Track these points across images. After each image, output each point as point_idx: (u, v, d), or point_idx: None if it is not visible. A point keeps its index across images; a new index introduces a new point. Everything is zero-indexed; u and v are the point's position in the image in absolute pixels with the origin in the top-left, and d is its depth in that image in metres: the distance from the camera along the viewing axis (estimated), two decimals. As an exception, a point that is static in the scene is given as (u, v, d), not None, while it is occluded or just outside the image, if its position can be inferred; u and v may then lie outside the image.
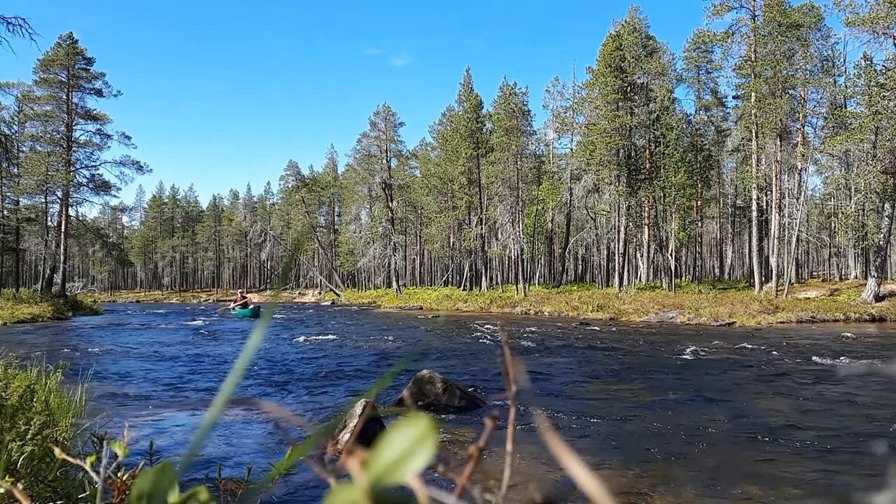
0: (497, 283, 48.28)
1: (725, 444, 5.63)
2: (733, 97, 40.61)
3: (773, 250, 31.65)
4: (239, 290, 36.54)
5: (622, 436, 6.00)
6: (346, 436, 5.04)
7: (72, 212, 38.05)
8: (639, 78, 39.91)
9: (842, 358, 11.54)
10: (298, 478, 4.39)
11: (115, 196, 70.62)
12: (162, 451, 4.95)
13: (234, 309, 31.18)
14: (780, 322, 21.96)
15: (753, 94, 32.55)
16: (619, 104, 37.79)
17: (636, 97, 39.14)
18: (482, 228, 45.64)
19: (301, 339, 16.81)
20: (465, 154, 44.77)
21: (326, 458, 4.69)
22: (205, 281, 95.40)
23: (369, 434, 5.07)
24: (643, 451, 5.46)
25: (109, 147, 41.08)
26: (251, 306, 31.15)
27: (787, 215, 31.36)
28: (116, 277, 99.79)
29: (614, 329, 20.37)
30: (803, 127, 34.59)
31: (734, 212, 46.60)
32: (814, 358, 11.58)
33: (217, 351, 14.13)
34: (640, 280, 39.64)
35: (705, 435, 5.93)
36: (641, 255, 40.66)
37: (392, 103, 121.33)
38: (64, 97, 36.79)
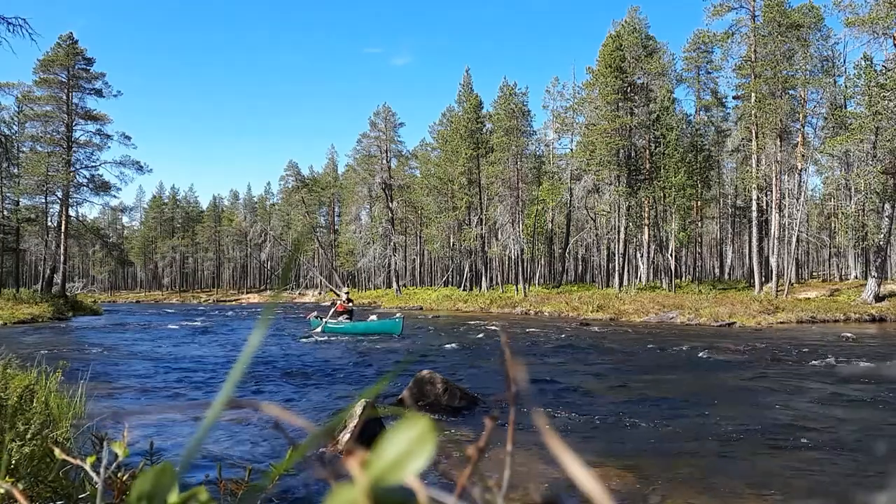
0: (497, 284, 48.27)
1: (725, 444, 5.62)
2: (733, 97, 40.61)
3: (773, 250, 31.65)
4: (344, 291, 21.14)
5: (622, 436, 6.00)
6: (346, 436, 5.04)
7: (72, 212, 38.07)
8: (639, 78, 39.92)
9: (842, 358, 11.53)
10: (299, 478, 4.39)
11: (115, 196, 70.60)
12: (162, 451, 4.94)
13: (320, 320, 19.14)
14: (780, 322, 21.95)
15: (753, 94, 32.55)
16: (620, 104, 37.81)
17: (636, 97, 39.17)
18: (482, 229, 45.64)
19: (301, 339, 16.81)
20: (465, 154, 44.77)
21: (327, 459, 4.69)
22: (205, 281, 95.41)
23: (369, 434, 5.06)
24: (643, 451, 5.46)
25: (109, 147, 41.08)
26: (373, 317, 19.65)
27: (787, 215, 31.37)
28: (116, 278, 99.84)
29: (614, 329, 20.36)
30: (803, 127, 34.61)
31: (734, 212, 46.60)
32: (814, 358, 11.57)
33: (217, 351, 14.13)
34: (640, 280, 39.64)
35: (705, 435, 5.93)
36: (641, 256, 40.67)
37: (392, 103, 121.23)
38: (64, 97, 36.79)
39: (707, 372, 10.26)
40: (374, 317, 19.32)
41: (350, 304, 19.79)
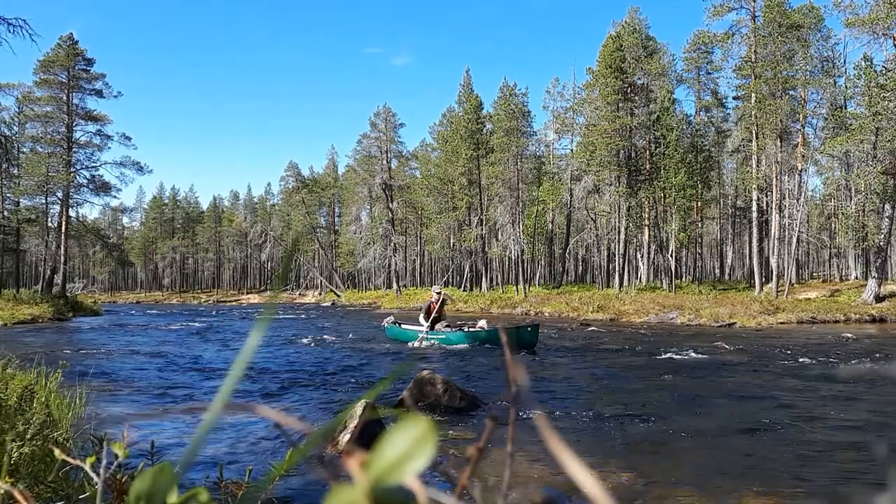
0: (497, 284, 48.26)
1: (725, 445, 5.62)
2: (733, 98, 40.61)
3: (773, 251, 31.65)
4: (435, 289, 15.96)
5: (622, 436, 6.00)
6: (346, 437, 5.04)
7: (72, 213, 38.10)
8: (639, 79, 39.93)
9: (842, 359, 11.53)
10: (299, 479, 4.39)
11: (115, 197, 70.68)
12: (162, 451, 4.94)
13: (399, 326, 16.31)
14: (781, 323, 21.95)
15: (754, 94, 32.55)
16: (620, 105, 37.81)
17: (636, 98, 39.17)
18: (482, 229, 45.64)
19: (301, 340, 16.80)
20: (466, 155, 44.78)
21: (327, 459, 4.69)
22: (205, 282, 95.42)
23: (370, 435, 5.06)
24: (643, 452, 5.45)
25: (110, 148, 41.04)
26: (476, 328, 14.75)
27: (787, 216, 31.37)
28: (117, 278, 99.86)
29: (614, 330, 20.36)
30: (803, 128, 34.61)
31: (734, 213, 46.61)
32: (814, 359, 11.57)
33: (217, 352, 14.13)
34: (640, 281, 39.64)
35: (705, 435, 5.92)
36: (642, 256, 40.68)
37: (392, 103, 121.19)
38: (64, 98, 36.80)
39: (707, 372, 10.25)
40: (483, 322, 15.08)
41: (442, 299, 15.12)
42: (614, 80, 37.12)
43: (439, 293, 15.33)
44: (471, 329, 14.67)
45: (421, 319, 14.91)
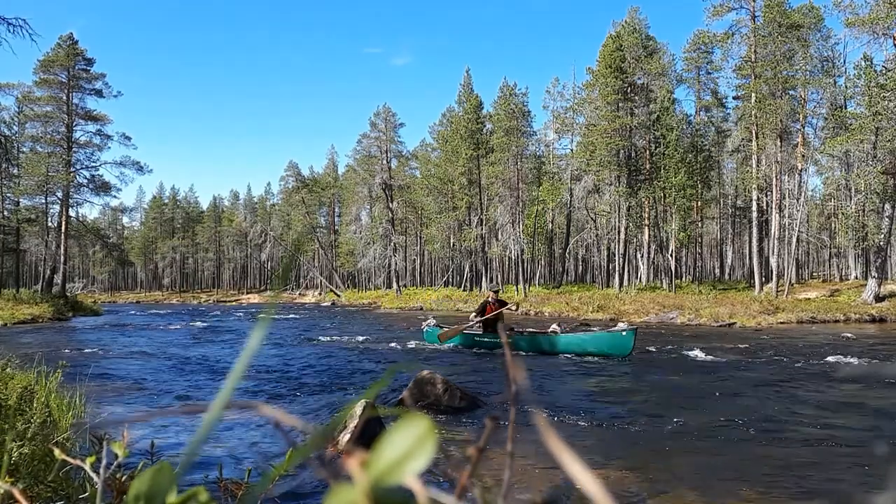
0: (497, 284, 48.23)
1: (725, 445, 5.62)
2: (733, 98, 40.60)
3: (773, 251, 31.65)
4: (490, 289, 14.41)
5: (622, 436, 6.00)
6: (346, 436, 5.04)
7: (72, 212, 38.12)
8: (639, 78, 39.93)
9: (842, 358, 11.53)
10: (299, 479, 4.39)
11: (115, 197, 70.74)
12: (162, 451, 4.94)
13: (439, 328, 14.34)
14: (781, 322, 21.95)
15: (754, 94, 32.55)
16: (620, 105, 37.81)
17: (636, 98, 39.18)
18: (482, 229, 45.65)
19: (301, 339, 16.80)
20: (466, 155, 44.78)
21: (327, 459, 4.67)
22: (205, 282, 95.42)
23: (370, 435, 5.06)
24: (643, 452, 5.45)
25: (110, 148, 41.11)
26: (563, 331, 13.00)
27: (787, 216, 31.37)
28: (116, 278, 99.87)
29: (614, 330, 20.32)
30: (803, 127, 34.62)
31: (734, 212, 46.62)
32: (814, 358, 11.57)
33: (217, 352, 14.13)
34: (640, 280, 39.65)
35: (705, 436, 5.92)
36: (642, 256, 40.68)
37: (392, 103, 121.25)
38: (64, 98, 36.81)
39: (707, 372, 10.25)
40: (556, 326, 13.09)
41: (500, 305, 13.45)
42: (614, 80, 37.12)
43: (496, 291, 14.02)
44: (537, 334, 13.01)
45: (478, 319, 13.37)
